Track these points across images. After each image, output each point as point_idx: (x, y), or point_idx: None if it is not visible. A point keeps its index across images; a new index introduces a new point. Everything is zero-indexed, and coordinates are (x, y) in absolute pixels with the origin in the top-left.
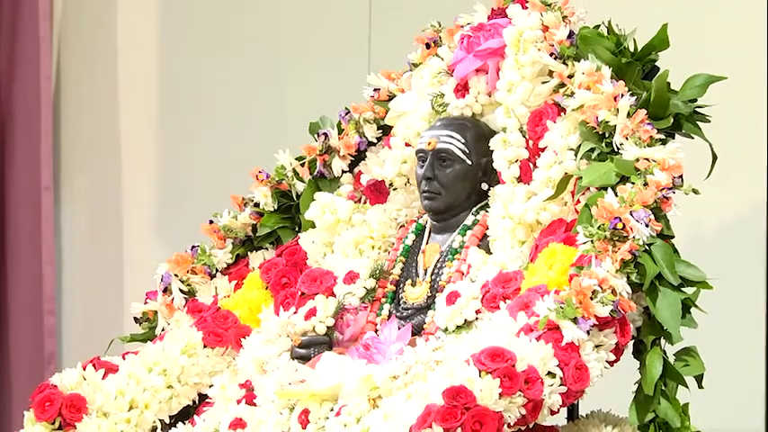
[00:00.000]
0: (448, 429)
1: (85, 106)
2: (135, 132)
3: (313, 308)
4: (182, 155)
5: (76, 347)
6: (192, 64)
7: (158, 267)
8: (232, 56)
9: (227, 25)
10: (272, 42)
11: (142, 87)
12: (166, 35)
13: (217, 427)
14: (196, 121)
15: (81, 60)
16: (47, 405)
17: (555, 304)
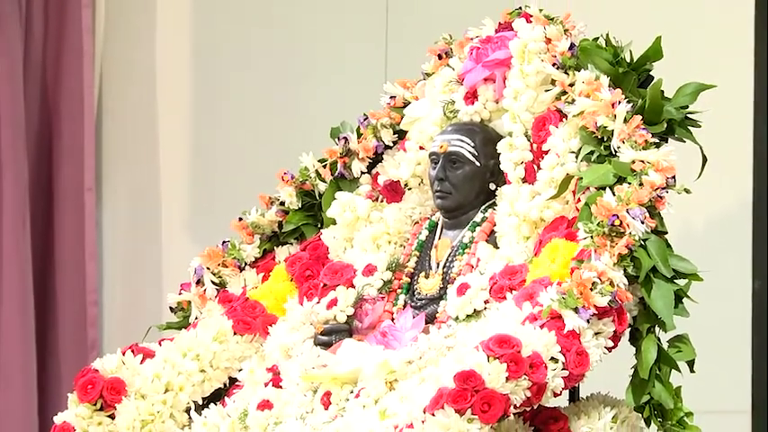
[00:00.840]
0: (459, 410)
1: (125, 114)
2: (170, 138)
3: (334, 298)
4: (213, 158)
5: (117, 335)
6: (223, 75)
7: (192, 261)
8: (261, 67)
9: (256, 39)
10: (298, 55)
11: (177, 96)
12: (200, 49)
13: (245, 408)
14: (227, 127)
15: (120, 72)
16: (89, 388)
17: (557, 295)
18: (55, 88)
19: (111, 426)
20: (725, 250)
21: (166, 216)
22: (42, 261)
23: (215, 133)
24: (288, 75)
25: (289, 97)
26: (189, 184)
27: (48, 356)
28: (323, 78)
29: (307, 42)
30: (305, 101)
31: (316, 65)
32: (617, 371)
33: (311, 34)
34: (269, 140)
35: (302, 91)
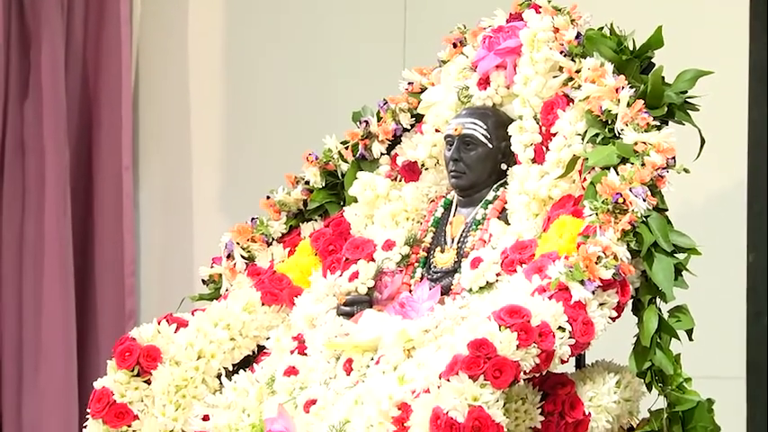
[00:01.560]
0: (472, 376)
1: (159, 99)
2: (203, 121)
3: (356, 271)
4: (242, 140)
5: (153, 306)
6: (252, 63)
7: (222, 236)
8: (288, 55)
9: (284, 29)
10: (323, 43)
11: (209, 82)
12: (231, 37)
13: (273, 374)
14: (255, 111)
15: (156, 59)
16: (127, 355)
17: (565, 268)
18: (95, 76)
19: (147, 390)
20: (721, 226)
21: (198, 194)
22: (83, 236)
23: (244, 117)
24: (313, 63)
25: (314, 84)
26: (219, 163)
27: (87, 326)
28: (346, 67)
29: (331, 33)
30: (329, 87)
31: (339, 54)
32: (620, 339)
33: (335, 24)
34: (295, 124)
35: (326, 78)
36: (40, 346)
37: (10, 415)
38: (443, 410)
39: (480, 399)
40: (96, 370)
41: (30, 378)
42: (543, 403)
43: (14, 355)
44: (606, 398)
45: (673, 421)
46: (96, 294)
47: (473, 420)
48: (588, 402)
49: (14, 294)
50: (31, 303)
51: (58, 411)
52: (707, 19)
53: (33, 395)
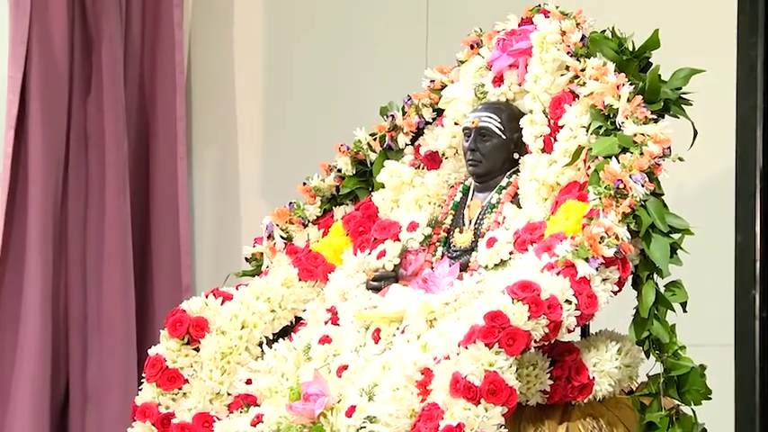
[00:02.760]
0: (488, 344)
1: (209, 95)
2: (248, 114)
3: (383, 250)
4: (282, 132)
5: (206, 280)
6: (290, 65)
7: (264, 219)
8: (323, 57)
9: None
10: (354, 48)
11: (252, 81)
12: (270, 44)
13: (309, 342)
14: (293, 107)
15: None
16: (178, 325)
17: (571, 247)
18: (150, 74)
19: (195, 357)
20: (712, 209)
21: (243, 181)
22: (141, 220)
23: (283, 112)
24: (344, 66)
25: (346, 84)
26: (262, 154)
27: (146, 299)
28: (374, 67)
29: (361, 38)
30: (359, 86)
31: (368, 55)
32: (621, 311)
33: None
34: (328, 118)
35: (357, 78)
36: (101, 317)
37: (76, 379)
38: (462, 375)
39: (495, 365)
40: (152, 339)
41: (93, 345)
42: (552, 369)
43: (79, 326)
44: (609, 364)
45: (668, 385)
46: (154, 271)
47: (489, 384)
48: (592, 368)
49: (79, 271)
50: (94, 279)
51: (119, 376)
52: (698, 21)
53: (96, 361)
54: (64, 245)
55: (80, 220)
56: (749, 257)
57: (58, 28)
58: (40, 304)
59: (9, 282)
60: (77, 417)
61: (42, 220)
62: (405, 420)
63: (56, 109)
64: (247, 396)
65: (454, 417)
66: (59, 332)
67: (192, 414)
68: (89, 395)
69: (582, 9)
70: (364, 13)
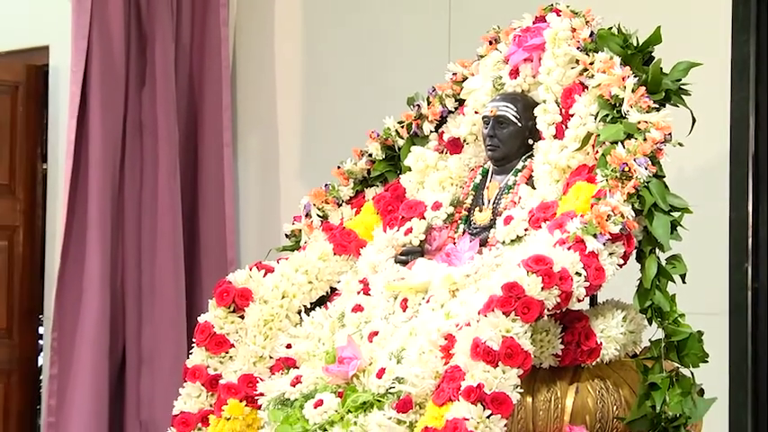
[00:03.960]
0: (505, 312)
1: (253, 87)
2: (287, 105)
3: (410, 227)
4: (318, 121)
5: (249, 256)
6: (327, 60)
7: (302, 199)
8: (355, 54)
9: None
10: (384, 45)
11: (291, 74)
12: (308, 38)
13: (343, 310)
14: (328, 98)
15: (249, 55)
16: (224, 295)
17: (581, 224)
18: (199, 68)
19: (240, 324)
20: (709, 189)
21: (283, 165)
22: (190, 201)
23: (319, 103)
24: (375, 61)
25: (375, 77)
26: (300, 140)
27: (194, 272)
28: (402, 61)
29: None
30: (387, 79)
31: (397, 51)
32: (626, 282)
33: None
34: (360, 108)
35: (386, 71)
36: (155, 288)
37: (131, 343)
38: (482, 340)
39: (512, 331)
40: (201, 308)
41: (147, 313)
42: (563, 334)
43: (135, 296)
44: (615, 330)
45: (669, 349)
46: (201, 246)
47: (506, 348)
48: (600, 334)
49: (135, 247)
50: (148, 254)
51: (170, 341)
52: (696, 20)
53: (150, 327)
54: (121, 223)
55: (135, 200)
56: (742, 233)
57: (116, 26)
58: (100, 276)
59: (72, 256)
60: (133, 377)
61: (101, 200)
62: (430, 381)
63: (113, 100)
64: (287, 359)
65: (474, 378)
66: (117, 301)
67: (238, 375)
68: (143, 358)
69: (590, 8)
70: (393, 12)
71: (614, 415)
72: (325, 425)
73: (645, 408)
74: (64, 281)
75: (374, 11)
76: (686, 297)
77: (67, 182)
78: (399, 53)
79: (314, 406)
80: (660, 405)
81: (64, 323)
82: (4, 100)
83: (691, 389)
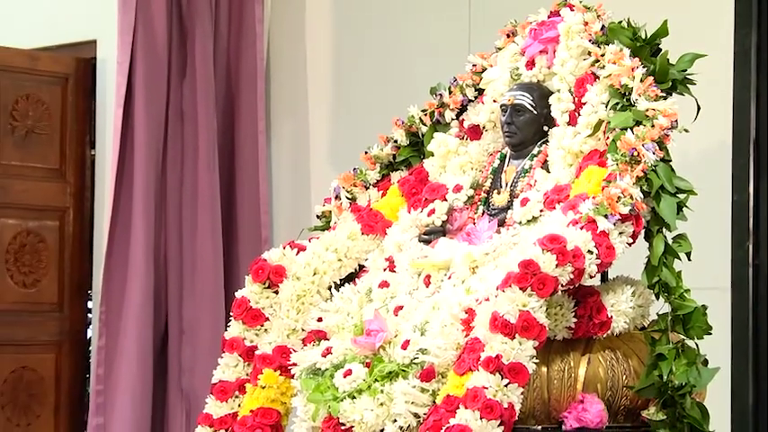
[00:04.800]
0: (522, 288)
1: (286, 78)
2: (317, 95)
3: (433, 208)
4: (347, 109)
5: (282, 235)
6: (354, 53)
7: (332, 182)
8: (380, 46)
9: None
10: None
11: (322, 66)
12: (337, 34)
13: (370, 286)
14: (356, 88)
15: (282, 49)
16: (260, 272)
17: (592, 206)
18: (236, 61)
19: (275, 299)
20: (713, 173)
21: (314, 150)
22: (228, 184)
23: (347, 92)
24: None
25: (400, 68)
26: (329, 127)
27: (231, 250)
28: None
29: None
30: (411, 70)
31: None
32: (635, 260)
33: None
34: (385, 97)
35: (411, 65)
36: (195, 265)
37: (173, 316)
38: (500, 314)
39: (528, 305)
40: (237, 284)
41: (188, 289)
42: (576, 309)
43: (176, 272)
44: (624, 304)
45: (675, 322)
46: (238, 226)
47: (522, 322)
48: (610, 308)
49: (176, 226)
50: (188, 233)
51: (209, 315)
52: (701, 14)
53: (191, 302)
54: (163, 204)
55: (177, 183)
56: (744, 214)
57: (159, 22)
58: (144, 254)
59: (119, 236)
60: (175, 347)
61: (146, 183)
62: (451, 352)
63: (156, 90)
64: (318, 332)
65: (493, 349)
66: (160, 277)
67: (272, 347)
68: (184, 329)
69: (602, 3)
70: (417, 9)
71: (624, 384)
72: (353, 393)
73: (652, 377)
74: (111, 259)
75: (399, 8)
76: (691, 273)
77: (114, 166)
78: (423, 46)
79: (343, 375)
80: (667, 374)
81: (111, 298)
82: (55, 91)
83: (695, 359)
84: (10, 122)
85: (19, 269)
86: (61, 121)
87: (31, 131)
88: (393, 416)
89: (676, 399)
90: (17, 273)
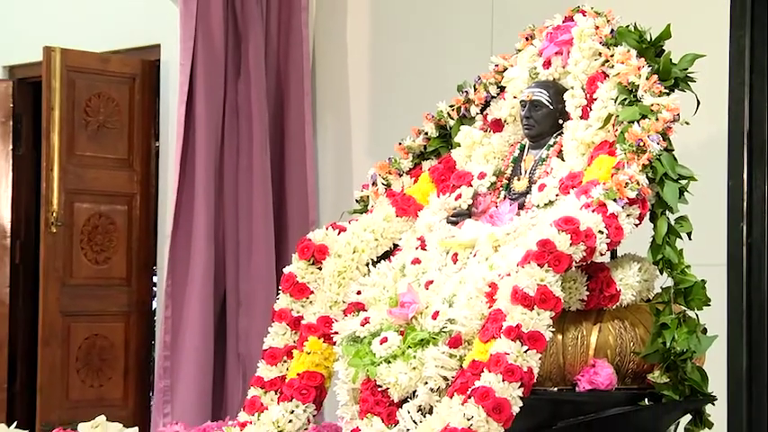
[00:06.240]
0: (539, 264)
1: (329, 76)
2: (357, 91)
3: (459, 193)
4: (384, 104)
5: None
6: (390, 56)
7: (369, 170)
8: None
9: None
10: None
11: (361, 66)
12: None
13: (403, 263)
14: (392, 86)
15: (326, 49)
16: (305, 250)
17: (603, 191)
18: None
19: (318, 274)
20: (711, 161)
21: (355, 141)
22: (279, 172)
23: (384, 90)
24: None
25: (430, 70)
26: (368, 121)
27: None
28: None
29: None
30: (440, 68)
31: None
32: (641, 239)
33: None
34: (417, 94)
35: (441, 65)
36: (251, 244)
37: (231, 289)
38: (520, 288)
39: (545, 280)
40: (287, 261)
41: (243, 265)
42: (588, 283)
43: (233, 250)
44: (632, 279)
45: (677, 295)
46: (288, 209)
47: (540, 294)
48: (619, 282)
49: (233, 210)
50: (244, 215)
51: (262, 288)
52: (700, 18)
53: (246, 276)
54: (221, 190)
55: (233, 171)
56: (738, 198)
57: (216, 27)
58: (205, 234)
59: (182, 217)
60: (233, 317)
61: (205, 172)
62: (476, 322)
63: (214, 88)
64: (358, 304)
65: (514, 319)
66: (219, 255)
67: (317, 317)
68: (241, 301)
69: (611, 9)
70: (445, 17)
71: (631, 350)
72: (389, 358)
73: (657, 344)
74: (176, 239)
75: (430, 16)
76: (692, 251)
77: (178, 157)
78: (450, 49)
79: (380, 342)
80: (670, 341)
81: (176, 273)
82: (123, 90)
83: (695, 328)
84: (84, 118)
85: (92, 248)
86: (129, 116)
87: (102, 126)
88: (424, 378)
89: (678, 363)
90: (90, 251)
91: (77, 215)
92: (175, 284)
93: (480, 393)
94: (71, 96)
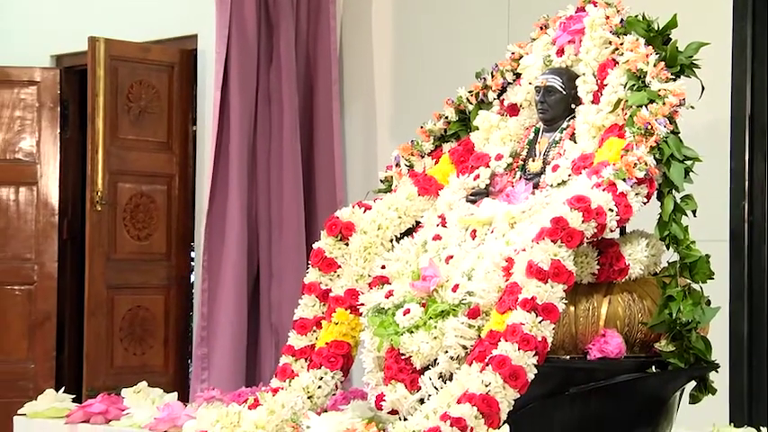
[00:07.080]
0: (553, 240)
1: (356, 65)
2: (382, 80)
3: (478, 174)
4: (406, 91)
5: (354, 196)
6: (412, 45)
7: (393, 152)
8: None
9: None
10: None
11: (385, 55)
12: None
13: (425, 239)
14: (414, 74)
15: (352, 40)
16: (333, 227)
17: (613, 171)
18: (314, 51)
19: (345, 250)
20: (714, 143)
21: (379, 126)
22: (308, 155)
23: (407, 78)
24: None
25: (450, 55)
26: (392, 107)
27: (311, 209)
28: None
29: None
30: (460, 56)
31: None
32: (649, 217)
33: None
34: (438, 80)
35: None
36: (282, 221)
37: (264, 262)
38: (535, 262)
39: (558, 255)
40: (316, 236)
41: (275, 240)
42: (599, 257)
43: (266, 227)
44: (640, 254)
45: (683, 269)
46: (317, 190)
47: (554, 269)
48: (628, 257)
49: (265, 190)
50: (276, 195)
51: (293, 262)
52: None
53: (278, 251)
54: (254, 172)
55: (265, 154)
56: (740, 178)
57: (250, 18)
58: (239, 212)
59: (218, 197)
60: (265, 289)
61: (239, 154)
62: (494, 294)
63: (248, 76)
64: (382, 277)
65: (529, 292)
66: (252, 231)
67: (344, 290)
68: (273, 274)
69: (621, 0)
70: (465, 7)
71: (639, 321)
72: (411, 328)
73: (663, 315)
74: (212, 216)
75: (450, 6)
76: (697, 227)
77: (214, 140)
78: (469, 38)
79: (403, 314)
80: (676, 313)
81: (212, 248)
82: (162, 77)
83: (700, 300)
84: (126, 104)
85: (134, 225)
86: (168, 102)
87: (143, 111)
88: (445, 347)
89: (684, 333)
90: (132, 228)
91: (120, 194)
92: (212, 259)
93: (497, 361)
94: (114, 83)
